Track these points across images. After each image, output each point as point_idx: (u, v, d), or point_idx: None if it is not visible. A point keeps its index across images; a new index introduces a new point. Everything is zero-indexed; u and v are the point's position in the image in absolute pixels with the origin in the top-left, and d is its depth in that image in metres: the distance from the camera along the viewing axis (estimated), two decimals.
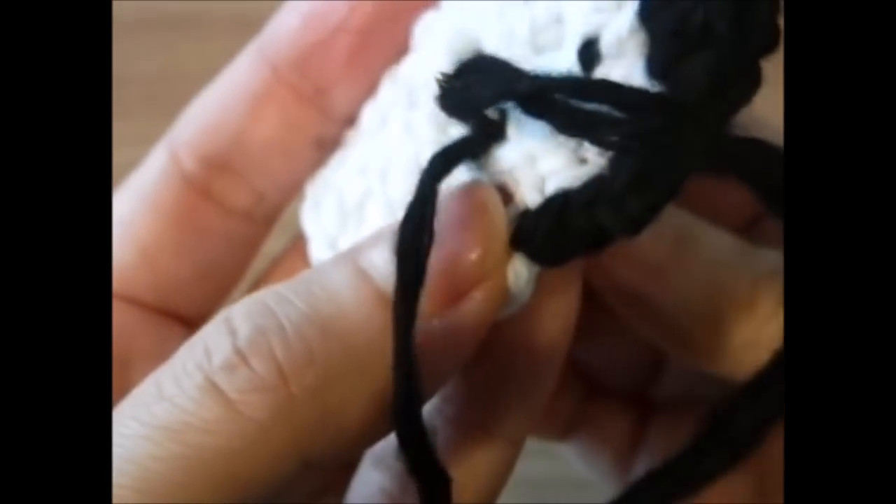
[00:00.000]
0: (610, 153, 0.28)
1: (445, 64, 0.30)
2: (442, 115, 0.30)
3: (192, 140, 0.35)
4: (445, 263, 0.28)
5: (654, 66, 0.27)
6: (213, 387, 0.27)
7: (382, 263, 0.28)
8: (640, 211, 0.27)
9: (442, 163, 0.28)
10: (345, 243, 0.33)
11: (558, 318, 0.30)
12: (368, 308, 0.28)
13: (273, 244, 0.38)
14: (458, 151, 0.29)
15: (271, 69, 0.34)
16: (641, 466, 0.39)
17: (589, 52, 0.28)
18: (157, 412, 0.27)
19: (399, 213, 0.28)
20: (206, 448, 0.26)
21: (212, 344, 0.27)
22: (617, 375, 0.41)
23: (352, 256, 0.29)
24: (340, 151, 0.35)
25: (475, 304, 0.28)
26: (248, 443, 0.26)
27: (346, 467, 0.33)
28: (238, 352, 0.27)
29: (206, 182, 0.35)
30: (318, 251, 0.34)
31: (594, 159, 0.28)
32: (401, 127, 0.32)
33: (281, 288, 0.28)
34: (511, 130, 0.29)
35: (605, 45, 0.28)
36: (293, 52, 0.34)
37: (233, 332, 0.27)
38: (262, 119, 0.35)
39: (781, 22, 0.27)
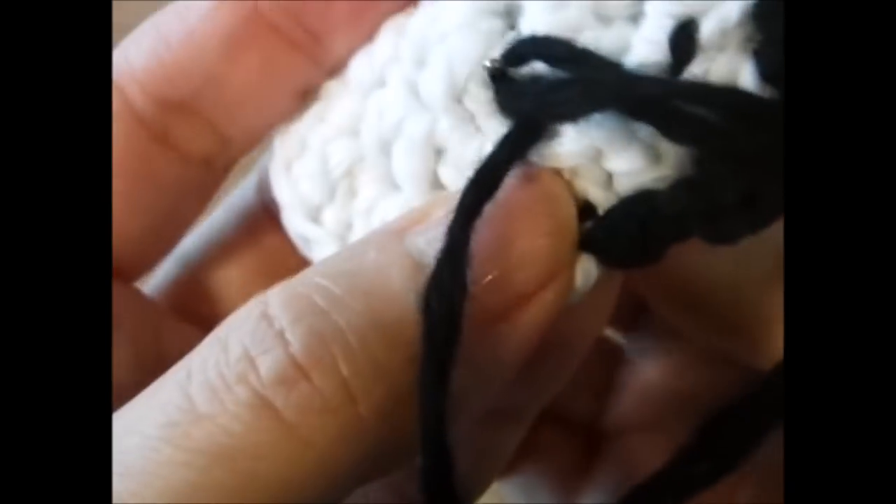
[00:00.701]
0: (692, 149, 0.25)
1: (471, 18, 0.26)
2: (456, 78, 0.26)
3: (150, 78, 0.31)
4: (512, 261, 0.25)
5: (770, 68, 0.24)
6: (265, 405, 0.23)
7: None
8: (746, 229, 0.25)
9: (508, 154, 0.25)
10: (332, 217, 0.29)
11: (600, 312, 0.29)
12: None
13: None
14: (522, 143, 0.25)
15: (254, 8, 0.31)
16: (589, 498, 0.36)
17: (685, 38, 0.24)
18: (197, 434, 0.23)
19: (406, 191, 0.26)
20: (259, 477, 0.23)
21: (255, 348, 0.24)
22: (567, 400, 0.37)
23: (403, 248, 0.25)
24: (318, 104, 0.31)
25: (543, 305, 0.26)
26: (307, 471, 0.23)
27: None
28: (295, 363, 0.23)
29: (162, 125, 0.31)
30: (297, 223, 0.30)
31: (670, 155, 0.25)
32: (405, 89, 0.28)
33: (321, 279, 0.25)
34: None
35: (706, 32, 0.24)
36: None
37: (281, 336, 0.24)
38: (238, 62, 0.31)
39: None
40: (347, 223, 0.29)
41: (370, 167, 0.29)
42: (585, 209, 0.26)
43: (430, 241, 0.25)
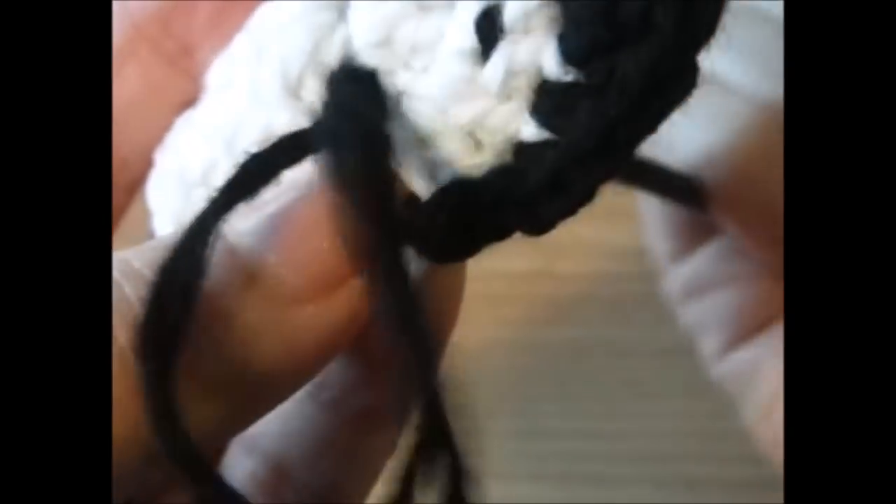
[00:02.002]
0: (513, 139, 0.24)
1: (302, 12, 0.26)
2: (291, 73, 0.26)
3: None
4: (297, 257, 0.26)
5: (572, 52, 0.23)
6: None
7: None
8: (554, 216, 0.25)
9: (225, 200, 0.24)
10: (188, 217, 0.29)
11: (445, 306, 0.29)
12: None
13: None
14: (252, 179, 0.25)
15: (133, 24, 0.31)
16: None
17: (489, 24, 0.24)
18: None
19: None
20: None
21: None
22: None
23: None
24: (186, 113, 0.31)
25: (344, 301, 0.26)
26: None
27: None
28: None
29: None
30: (162, 226, 0.31)
31: (491, 143, 0.25)
32: (247, 87, 0.28)
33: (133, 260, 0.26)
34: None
35: (509, 17, 0.24)
36: (156, 5, 0.31)
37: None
38: (120, 77, 0.31)
39: None
40: None
41: (220, 169, 0.29)
42: (411, 201, 0.25)
43: (246, 226, 0.26)
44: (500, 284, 0.61)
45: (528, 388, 0.59)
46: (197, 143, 0.29)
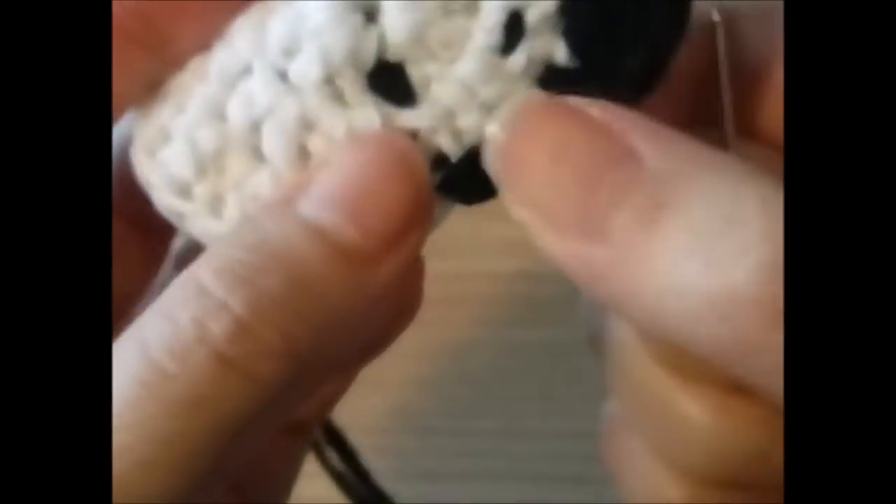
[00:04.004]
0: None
1: (338, 14, 0.31)
2: (332, 64, 0.32)
3: None
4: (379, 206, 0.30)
5: (575, 46, 0.31)
6: (222, 359, 0.28)
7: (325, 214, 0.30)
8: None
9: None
10: (203, 191, 0.33)
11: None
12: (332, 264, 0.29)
13: None
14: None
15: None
16: None
17: (515, 26, 0.31)
18: (168, 391, 0.28)
19: (274, 163, 0.31)
20: (226, 415, 0.28)
21: (204, 316, 0.29)
22: None
23: (296, 214, 0.30)
24: (175, 96, 0.34)
25: (409, 245, 0.30)
26: (262, 403, 0.29)
27: None
28: (240, 323, 0.28)
29: None
30: (168, 200, 0.34)
31: (500, 110, 0.32)
32: (272, 75, 0.32)
33: (236, 252, 0.29)
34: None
35: (530, 21, 0.31)
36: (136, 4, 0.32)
37: (223, 303, 0.29)
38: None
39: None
40: (219, 196, 0.33)
41: (238, 146, 0.33)
42: (441, 159, 0.32)
43: (315, 203, 0.30)
44: (482, 284, 0.61)
45: (510, 389, 0.59)
46: (207, 123, 0.33)
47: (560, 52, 0.31)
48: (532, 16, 0.31)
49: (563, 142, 0.29)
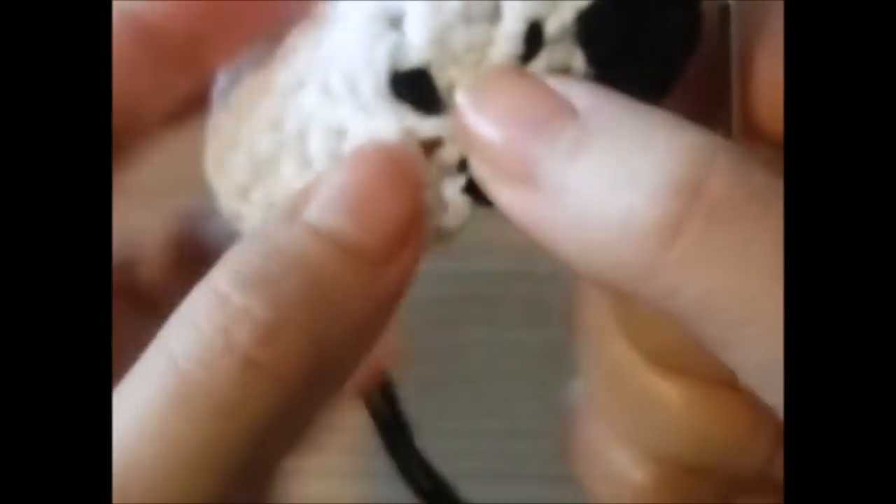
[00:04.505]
0: None
1: (360, 25, 0.32)
2: (354, 75, 0.33)
3: None
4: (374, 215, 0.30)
5: (593, 56, 0.31)
6: (250, 363, 0.28)
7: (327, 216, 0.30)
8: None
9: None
10: (259, 195, 0.35)
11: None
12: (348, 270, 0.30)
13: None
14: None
15: (132, 18, 0.33)
16: None
17: (535, 35, 0.32)
18: (197, 400, 0.28)
19: (316, 167, 0.32)
20: (256, 420, 0.28)
21: (228, 322, 0.29)
22: None
23: (304, 221, 0.30)
24: (242, 106, 0.35)
25: (411, 254, 0.31)
26: (290, 404, 0.29)
27: None
28: (266, 326, 0.29)
29: None
30: (231, 204, 0.35)
31: None
32: (320, 88, 0.34)
33: (255, 258, 0.30)
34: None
35: (549, 30, 0.32)
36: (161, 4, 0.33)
37: (245, 309, 0.29)
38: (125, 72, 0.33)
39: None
40: (271, 200, 0.34)
41: (289, 153, 0.34)
42: (465, 163, 0.32)
43: (319, 208, 0.31)
44: (478, 285, 0.61)
45: (506, 389, 0.59)
46: (264, 131, 0.35)
47: (578, 61, 0.32)
48: (552, 26, 0.32)
49: (513, 100, 0.31)
